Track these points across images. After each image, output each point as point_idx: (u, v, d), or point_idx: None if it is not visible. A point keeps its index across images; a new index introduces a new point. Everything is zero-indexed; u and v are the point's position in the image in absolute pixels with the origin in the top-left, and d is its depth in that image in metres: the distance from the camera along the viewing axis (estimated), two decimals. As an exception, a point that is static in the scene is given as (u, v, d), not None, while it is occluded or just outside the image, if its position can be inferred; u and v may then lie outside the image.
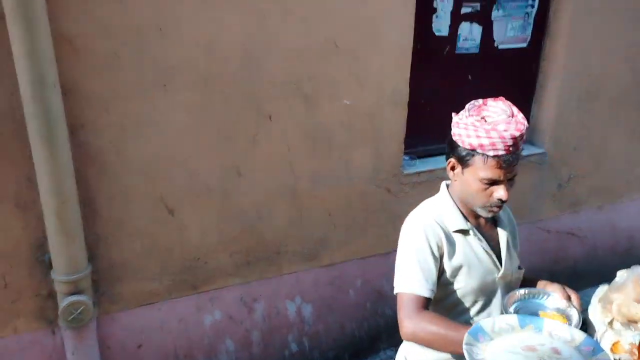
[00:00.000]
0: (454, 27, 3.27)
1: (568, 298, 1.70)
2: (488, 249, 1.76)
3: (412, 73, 3.07)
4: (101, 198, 2.55)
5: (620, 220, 4.30)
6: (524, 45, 3.56)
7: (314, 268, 3.19)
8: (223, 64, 2.61)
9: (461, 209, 1.77)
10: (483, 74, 3.48)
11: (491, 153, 1.60)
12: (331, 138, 2.98)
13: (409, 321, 1.59)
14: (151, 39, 2.44)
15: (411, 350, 1.83)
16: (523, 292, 1.73)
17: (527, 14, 3.47)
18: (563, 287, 1.74)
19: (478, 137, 1.60)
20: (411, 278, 1.65)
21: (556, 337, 1.44)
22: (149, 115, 2.53)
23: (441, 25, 3.22)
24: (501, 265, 1.78)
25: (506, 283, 1.80)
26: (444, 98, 3.24)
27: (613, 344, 1.65)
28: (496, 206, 1.68)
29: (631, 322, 1.68)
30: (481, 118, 1.63)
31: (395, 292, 1.69)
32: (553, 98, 3.64)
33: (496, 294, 1.79)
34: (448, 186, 1.83)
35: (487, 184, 1.64)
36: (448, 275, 1.71)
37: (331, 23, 2.77)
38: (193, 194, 2.74)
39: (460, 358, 1.46)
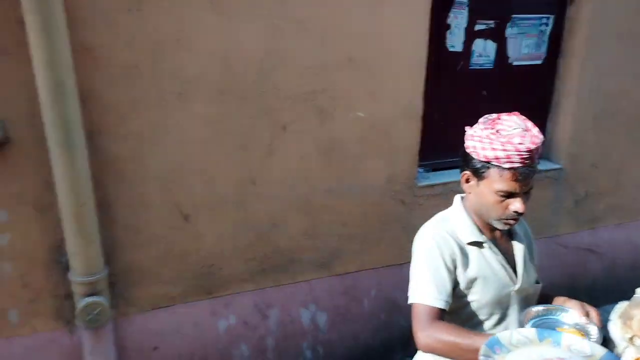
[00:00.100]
0: (468, 43, 3.32)
1: (586, 314, 1.68)
2: (504, 262, 1.75)
3: (427, 87, 3.10)
4: (118, 204, 2.59)
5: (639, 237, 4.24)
6: (539, 62, 3.58)
7: (328, 277, 3.20)
8: (239, 77, 2.65)
9: (476, 222, 1.76)
10: (497, 90, 3.50)
11: (507, 165, 1.59)
12: (346, 150, 3.01)
13: (423, 332, 1.59)
14: (169, 51, 2.49)
15: (425, 361, 1.81)
16: (541, 309, 1.71)
17: (542, 32, 3.50)
18: (582, 304, 1.72)
19: (493, 150, 1.60)
20: (424, 289, 1.65)
21: (575, 352, 1.41)
22: (166, 124, 2.58)
23: (455, 41, 3.26)
24: (517, 278, 1.77)
25: (522, 297, 1.79)
26: (459, 112, 3.26)
27: (634, 360, 1.60)
28: (512, 219, 1.67)
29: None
30: (496, 131, 1.63)
31: (409, 303, 1.69)
32: (569, 115, 3.64)
33: (512, 308, 1.77)
34: (462, 199, 1.82)
35: (503, 197, 1.63)
36: (462, 287, 1.70)
37: (346, 38, 2.82)
38: (208, 202, 2.78)
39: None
